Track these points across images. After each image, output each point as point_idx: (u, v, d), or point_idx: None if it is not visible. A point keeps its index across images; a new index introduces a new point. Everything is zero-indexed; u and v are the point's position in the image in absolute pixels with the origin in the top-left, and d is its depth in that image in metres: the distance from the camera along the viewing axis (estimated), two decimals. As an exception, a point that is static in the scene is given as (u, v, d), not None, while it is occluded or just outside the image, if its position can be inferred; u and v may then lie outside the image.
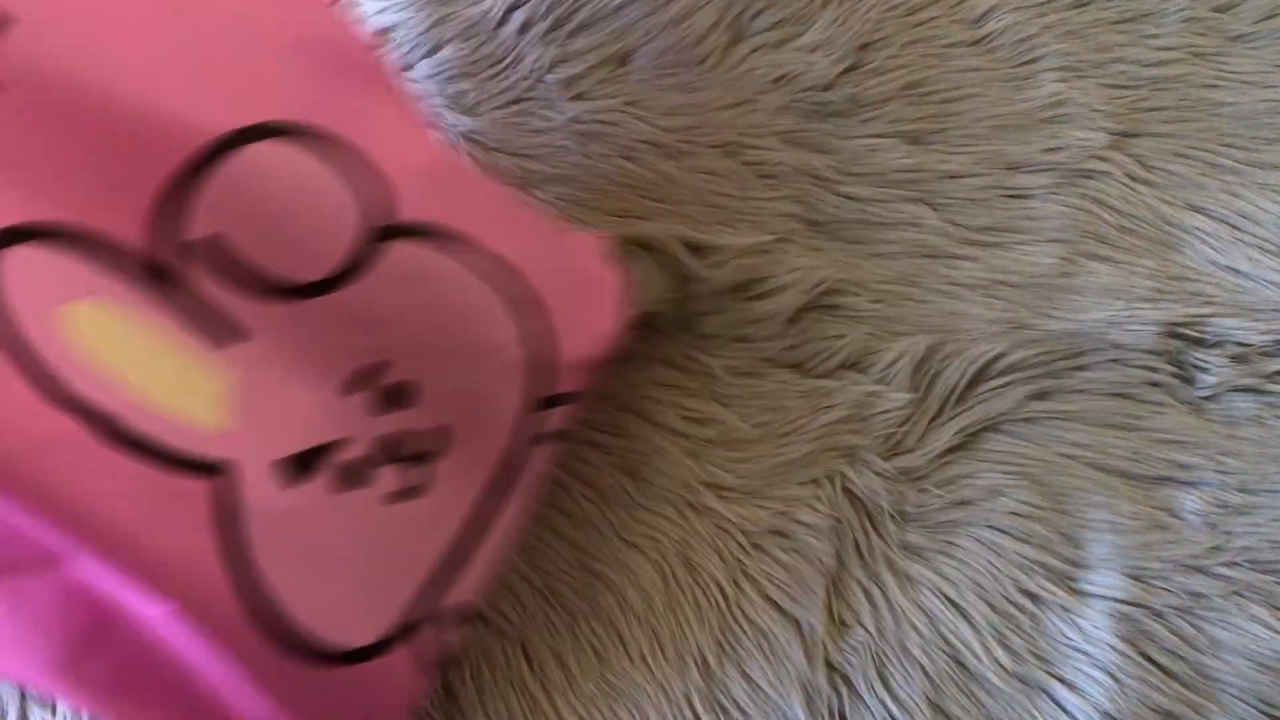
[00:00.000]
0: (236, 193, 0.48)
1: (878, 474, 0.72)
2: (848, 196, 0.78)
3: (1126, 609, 0.69)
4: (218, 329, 0.48)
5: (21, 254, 0.44)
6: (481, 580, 0.59)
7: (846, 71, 0.81)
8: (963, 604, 0.69)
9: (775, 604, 0.70)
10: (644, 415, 0.73)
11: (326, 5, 0.56)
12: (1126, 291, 0.75)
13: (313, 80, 0.52)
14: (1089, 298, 0.75)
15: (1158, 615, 0.69)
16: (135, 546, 0.45)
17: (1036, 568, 0.70)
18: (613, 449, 0.73)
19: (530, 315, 0.57)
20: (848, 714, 0.68)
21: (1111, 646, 0.68)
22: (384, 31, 0.83)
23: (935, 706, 0.68)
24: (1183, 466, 0.72)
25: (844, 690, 0.68)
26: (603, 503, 0.72)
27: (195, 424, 0.47)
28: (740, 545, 0.71)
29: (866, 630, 0.69)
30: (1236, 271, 0.76)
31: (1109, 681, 0.67)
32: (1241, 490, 0.71)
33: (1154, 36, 0.82)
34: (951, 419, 0.73)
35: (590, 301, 0.62)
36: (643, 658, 0.69)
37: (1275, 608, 0.68)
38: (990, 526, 0.71)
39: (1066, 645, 0.69)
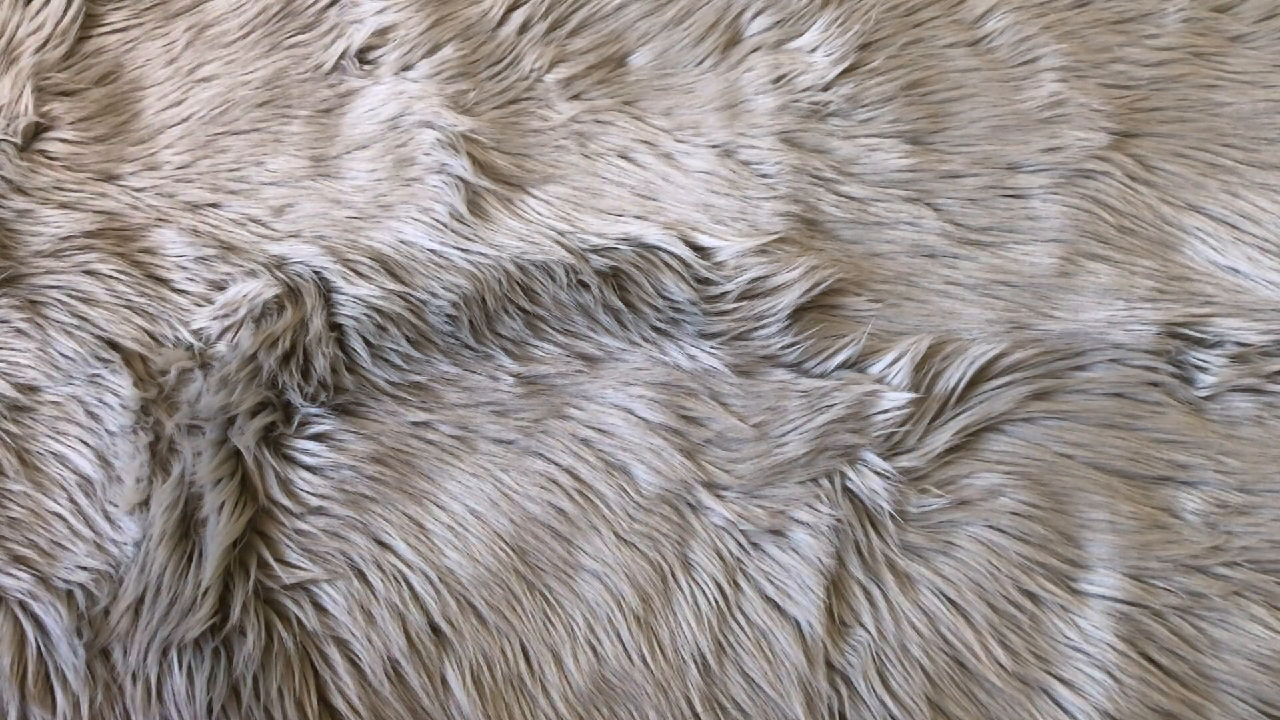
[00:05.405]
0: None
1: (878, 474, 0.72)
2: (847, 196, 0.78)
3: (1126, 609, 0.69)
4: None
5: None
6: None
7: (846, 71, 0.81)
8: (963, 604, 0.69)
9: (775, 604, 0.70)
10: (641, 415, 0.73)
11: None
12: (1126, 291, 0.75)
13: None
14: (1089, 298, 0.75)
15: (1158, 615, 0.69)
16: None
17: (1036, 568, 0.70)
18: (609, 449, 0.73)
19: None
20: (848, 714, 0.68)
21: (1111, 646, 0.68)
22: (384, 31, 0.83)
23: (935, 706, 0.68)
24: (1182, 466, 0.72)
25: (844, 690, 0.68)
26: (601, 502, 0.72)
27: None
28: (740, 545, 0.71)
29: (866, 630, 0.69)
30: (1236, 271, 0.76)
31: (1109, 681, 0.67)
32: (1241, 490, 0.71)
33: (1154, 36, 0.82)
34: (951, 419, 0.73)
35: None
36: (643, 658, 0.69)
37: (1275, 608, 0.68)
38: (990, 526, 0.71)
39: (1066, 645, 0.68)
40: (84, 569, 0.71)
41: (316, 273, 0.76)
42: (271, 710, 0.68)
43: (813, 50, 0.82)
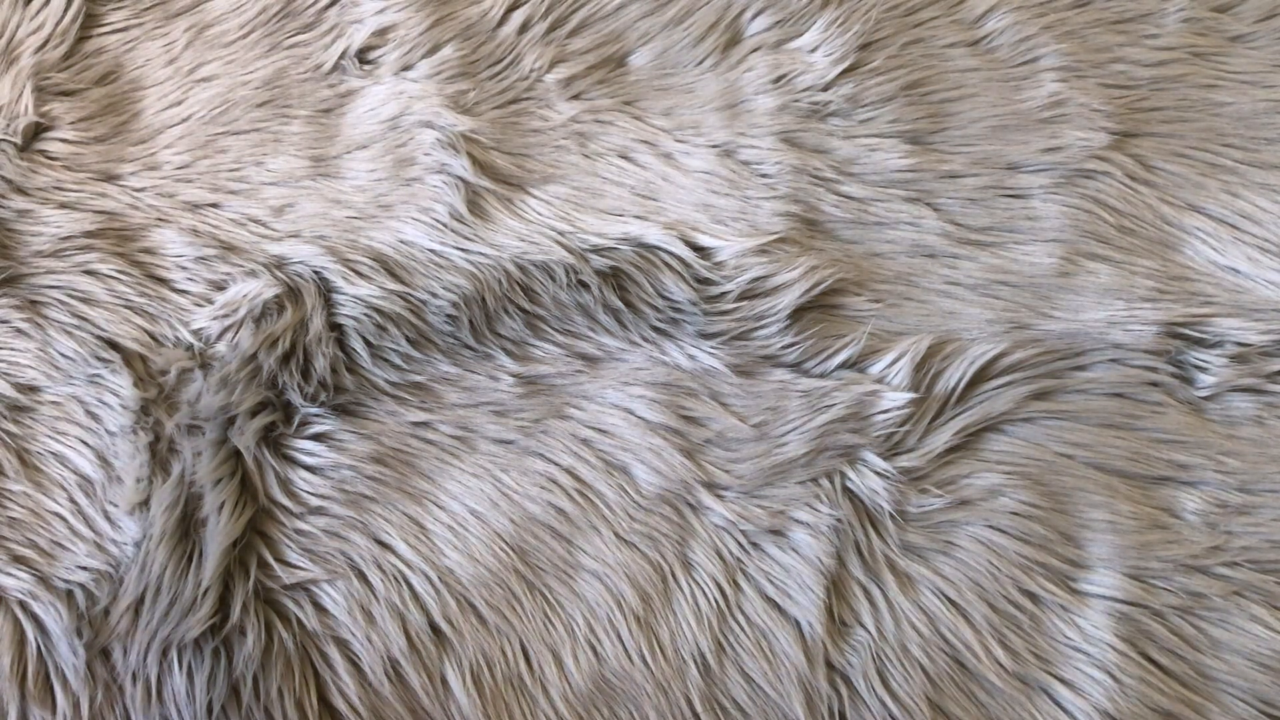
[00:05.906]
0: None
1: (878, 474, 0.72)
2: (847, 196, 0.78)
3: (1126, 609, 0.69)
4: None
5: None
6: None
7: (846, 71, 0.81)
8: (963, 604, 0.69)
9: (775, 604, 0.70)
10: (641, 415, 0.73)
11: None
12: (1126, 291, 0.75)
13: None
14: (1089, 298, 0.75)
15: (1158, 615, 0.69)
16: None
17: (1036, 568, 0.70)
18: (609, 449, 0.73)
19: None
20: (848, 714, 0.68)
21: (1111, 646, 0.68)
22: (384, 31, 0.83)
23: (935, 706, 0.68)
24: (1183, 466, 0.72)
25: (844, 690, 0.68)
26: (601, 502, 0.72)
27: None
28: (740, 545, 0.71)
29: (866, 630, 0.69)
30: (1236, 271, 0.76)
31: (1109, 681, 0.67)
32: (1241, 490, 0.71)
33: (1154, 36, 0.82)
34: (951, 419, 0.73)
35: None
36: (643, 658, 0.69)
37: (1275, 608, 0.68)
38: (990, 526, 0.71)
39: (1066, 645, 0.68)
40: (84, 569, 0.71)
41: (316, 273, 0.76)
42: (271, 710, 0.68)
43: (813, 50, 0.82)
